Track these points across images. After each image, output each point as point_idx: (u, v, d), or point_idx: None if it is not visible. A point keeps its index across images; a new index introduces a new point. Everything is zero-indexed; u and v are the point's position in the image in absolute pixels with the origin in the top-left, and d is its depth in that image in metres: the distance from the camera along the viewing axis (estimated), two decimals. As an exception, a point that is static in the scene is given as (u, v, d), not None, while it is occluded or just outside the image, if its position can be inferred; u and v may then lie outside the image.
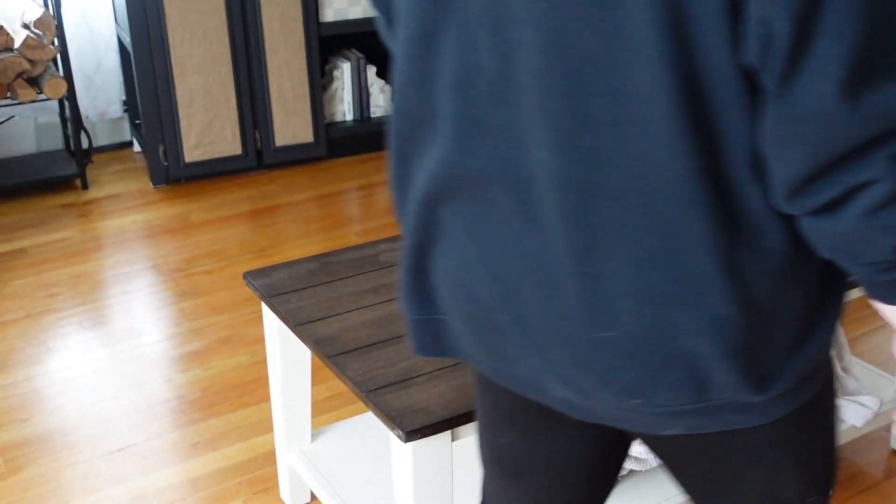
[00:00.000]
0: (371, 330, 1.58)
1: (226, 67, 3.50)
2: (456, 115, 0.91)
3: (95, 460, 2.15)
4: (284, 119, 3.66)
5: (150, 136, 3.52)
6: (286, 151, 3.71)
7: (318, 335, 1.57)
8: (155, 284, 2.91)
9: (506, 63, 0.85)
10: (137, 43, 3.38)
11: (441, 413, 1.37)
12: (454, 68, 0.89)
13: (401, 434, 1.34)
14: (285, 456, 1.94)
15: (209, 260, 3.06)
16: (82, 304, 2.80)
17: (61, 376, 2.45)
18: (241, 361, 2.51)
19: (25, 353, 2.56)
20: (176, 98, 3.47)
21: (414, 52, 0.92)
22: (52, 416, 2.30)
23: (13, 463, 2.15)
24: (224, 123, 3.57)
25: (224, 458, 2.15)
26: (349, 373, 1.47)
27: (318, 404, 2.28)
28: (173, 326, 2.68)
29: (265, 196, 3.54)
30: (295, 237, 3.21)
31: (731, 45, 0.77)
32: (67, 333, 2.65)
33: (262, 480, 2.08)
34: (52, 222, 3.33)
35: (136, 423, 2.27)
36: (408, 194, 1.01)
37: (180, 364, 2.50)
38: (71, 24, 3.64)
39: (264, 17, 3.49)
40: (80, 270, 3.00)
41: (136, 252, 3.12)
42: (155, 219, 3.36)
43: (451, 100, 0.91)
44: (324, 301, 1.68)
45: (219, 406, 2.33)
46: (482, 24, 0.85)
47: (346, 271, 1.78)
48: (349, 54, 3.82)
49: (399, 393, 1.41)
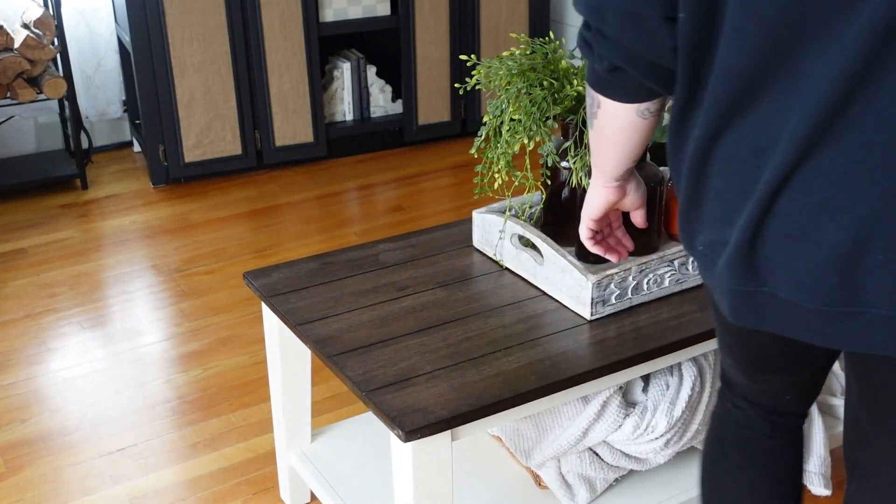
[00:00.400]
0: (371, 330, 1.58)
1: (226, 67, 3.50)
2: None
3: (95, 460, 2.15)
4: (284, 119, 3.66)
5: (150, 136, 3.52)
6: (286, 151, 3.71)
7: (318, 335, 1.57)
8: (155, 284, 2.91)
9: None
10: (137, 43, 3.38)
11: (441, 413, 1.37)
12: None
13: (401, 434, 1.34)
14: (285, 456, 1.94)
15: (209, 260, 3.06)
16: (82, 304, 2.80)
17: (61, 376, 2.45)
18: (241, 361, 2.51)
19: (25, 353, 2.56)
20: (176, 98, 3.47)
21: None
22: (52, 416, 2.30)
23: (13, 463, 2.14)
24: (224, 123, 3.57)
25: (224, 459, 2.15)
26: (349, 373, 1.47)
27: (318, 404, 2.28)
28: (173, 326, 2.68)
29: (265, 196, 3.54)
30: (295, 237, 3.21)
31: None
32: (67, 333, 2.65)
33: (261, 481, 2.08)
34: (52, 222, 3.33)
35: (135, 424, 2.27)
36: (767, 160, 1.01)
37: (180, 364, 2.50)
38: (71, 24, 3.64)
39: (264, 17, 3.49)
40: (80, 270, 3.00)
41: (136, 252, 3.12)
42: (155, 219, 3.36)
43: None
44: (324, 301, 1.68)
45: (219, 406, 2.33)
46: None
47: (346, 271, 1.78)
48: (349, 54, 3.82)
49: (399, 393, 1.41)
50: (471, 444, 1.90)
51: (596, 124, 1.26)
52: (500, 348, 1.52)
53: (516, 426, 1.77)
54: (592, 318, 1.59)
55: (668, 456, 1.75)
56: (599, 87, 1.19)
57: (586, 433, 1.68)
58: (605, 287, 1.58)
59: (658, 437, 1.69)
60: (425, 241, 1.90)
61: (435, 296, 1.69)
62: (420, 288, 1.71)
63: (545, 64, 1.64)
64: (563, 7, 4.17)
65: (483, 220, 1.79)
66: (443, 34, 3.82)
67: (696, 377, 1.70)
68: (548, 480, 1.77)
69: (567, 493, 1.75)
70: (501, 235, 1.74)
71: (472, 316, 1.62)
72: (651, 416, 1.68)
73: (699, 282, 1.68)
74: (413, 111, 3.88)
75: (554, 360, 1.49)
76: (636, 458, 1.76)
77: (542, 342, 1.54)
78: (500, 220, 1.74)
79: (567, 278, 1.61)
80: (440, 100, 3.92)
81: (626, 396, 1.70)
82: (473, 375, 1.45)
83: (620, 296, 1.61)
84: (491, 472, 1.84)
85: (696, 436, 1.76)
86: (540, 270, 1.67)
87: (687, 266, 1.67)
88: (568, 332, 1.57)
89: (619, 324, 1.60)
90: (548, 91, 1.61)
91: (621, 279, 1.60)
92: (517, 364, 1.48)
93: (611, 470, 1.77)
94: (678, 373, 1.71)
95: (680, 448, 1.75)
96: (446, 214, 3.35)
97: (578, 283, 1.59)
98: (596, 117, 1.25)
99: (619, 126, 1.23)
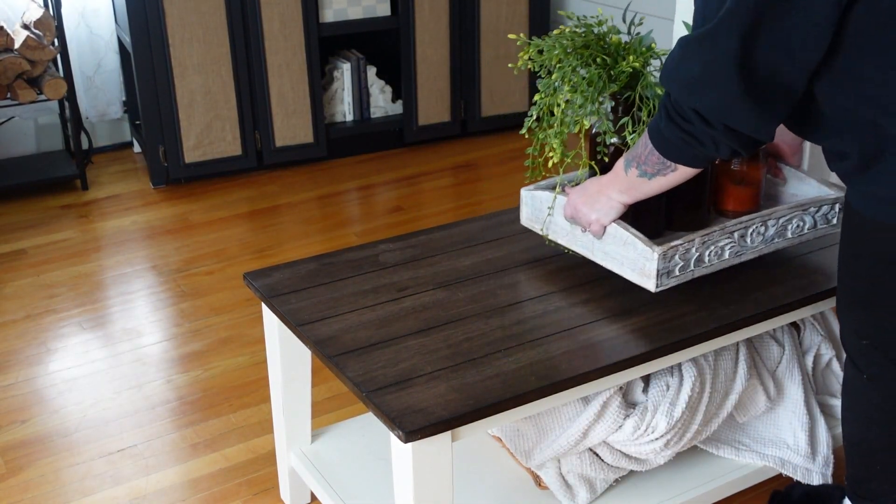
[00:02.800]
0: (371, 330, 1.58)
1: (226, 68, 3.50)
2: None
3: (95, 461, 2.15)
4: (284, 119, 3.66)
5: (150, 136, 3.52)
6: (286, 152, 3.71)
7: (318, 336, 1.57)
8: (155, 285, 2.91)
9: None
10: (137, 43, 3.38)
11: (441, 413, 1.37)
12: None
13: (401, 434, 1.34)
14: (285, 457, 1.94)
15: (209, 260, 3.06)
16: (82, 304, 2.80)
17: (61, 377, 2.45)
18: (241, 362, 2.51)
19: (25, 353, 2.56)
20: (176, 98, 3.47)
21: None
22: (52, 416, 2.30)
23: (13, 464, 2.14)
24: (224, 124, 3.57)
25: (224, 459, 2.15)
26: (349, 373, 1.47)
27: (318, 405, 2.28)
28: (173, 327, 2.68)
29: (265, 196, 3.54)
30: (295, 237, 3.21)
31: None
32: (67, 334, 2.65)
33: (262, 481, 2.08)
34: (52, 223, 3.33)
35: (136, 424, 2.27)
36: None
37: (180, 365, 2.50)
38: (71, 25, 3.64)
39: (264, 17, 3.49)
40: (80, 271, 3.00)
41: (136, 253, 3.12)
42: (155, 219, 3.36)
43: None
44: (324, 301, 1.68)
45: (219, 407, 2.33)
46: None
47: (346, 272, 1.78)
48: (349, 54, 3.82)
49: (399, 393, 1.41)
50: (471, 444, 1.90)
51: (662, 181, 1.42)
52: (501, 349, 1.52)
53: (516, 426, 1.77)
54: (658, 290, 1.59)
55: (669, 456, 1.75)
56: (693, 162, 1.37)
57: (586, 434, 1.67)
58: (669, 258, 1.57)
59: (658, 437, 1.69)
60: (425, 241, 1.89)
61: (435, 296, 1.69)
62: (420, 288, 1.71)
63: (597, 40, 1.63)
64: (563, 7, 4.17)
65: (532, 197, 1.77)
66: (443, 35, 3.82)
67: (696, 378, 1.70)
68: (548, 481, 1.77)
69: (567, 493, 1.75)
70: (550, 212, 1.73)
71: (472, 316, 1.62)
72: (651, 417, 1.68)
73: (757, 253, 1.69)
74: (413, 112, 3.88)
75: (554, 360, 1.49)
76: (636, 459, 1.76)
77: (542, 342, 1.54)
78: (551, 196, 1.72)
79: (630, 251, 1.59)
80: (440, 100, 3.92)
81: (626, 397, 1.70)
82: (474, 376, 1.45)
83: (684, 267, 1.60)
84: (491, 473, 1.84)
85: (696, 436, 1.76)
86: (598, 245, 1.65)
87: (746, 238, 1.66)
88: (569, 333, 1.57)
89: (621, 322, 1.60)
90: (602, 68, 1.60)
91: (685, 251, 1.59)
92: (517, 365, 1.48)
93: (611, 470, 1.77)
94: (678, 373, 1.71)
95: (680, 448, 1.75)
96: (446, 215, 3.35)
97: (643, 256, 1.57)
98: (664, 176, 1.40)
99: (685, 178, 1.41)
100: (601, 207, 1.58)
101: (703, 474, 1.84)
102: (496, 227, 1.95)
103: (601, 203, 1.57)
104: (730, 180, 1.74)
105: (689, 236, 1.60)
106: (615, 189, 1.54)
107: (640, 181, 1.47)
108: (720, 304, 1.65)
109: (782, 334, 1.88)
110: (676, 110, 1.33)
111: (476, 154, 3.92)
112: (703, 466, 1.85)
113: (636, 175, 1.47)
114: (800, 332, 1.95)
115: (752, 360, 1.81)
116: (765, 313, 1.64)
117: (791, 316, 1.71)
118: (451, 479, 1.45)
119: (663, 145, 1.38)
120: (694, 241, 1.60)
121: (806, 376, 1.90)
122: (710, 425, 1.77)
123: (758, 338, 1.85)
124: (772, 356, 1.86)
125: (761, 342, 1.86)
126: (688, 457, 1.87)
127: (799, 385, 1.87)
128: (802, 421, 1.86)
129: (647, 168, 1.44)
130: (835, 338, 1.98)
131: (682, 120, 1.33)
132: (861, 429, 1.57)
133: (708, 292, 1.68)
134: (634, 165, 1.46)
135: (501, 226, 1.95)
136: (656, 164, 1.42)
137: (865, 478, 1.60)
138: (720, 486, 1.82)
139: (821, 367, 1.97)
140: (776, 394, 1.86)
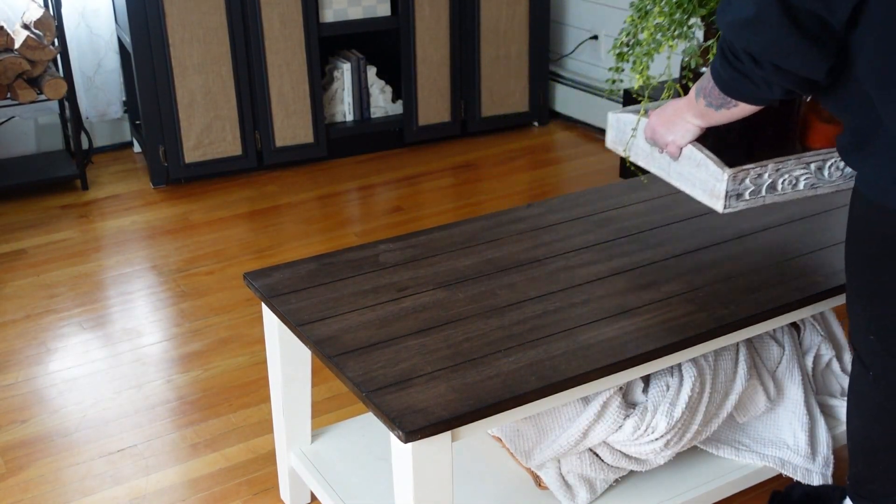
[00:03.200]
0: (371, 330, 1.58)
1: (226, 68, 3.50)
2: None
3: (95, 461, 2.15)
4: (284, 119, 3.66)
5: (150, 136, 3.52)
6: (286, 152, 3.71)
7: (318, 336, 1.57)
8: (155, 285, 2.91)
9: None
10: (137, 43, 3.38)
11: (441, 413, 1.37)
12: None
13: (401, 434, 1.34)
14: (285, 456, 1.94)
15: (209, 260, 3.06)
16: (82, 304, 2.80)
17: (61, 377, 2.45)
18: (241, 362, 2.51)
19: (25, 353, 2.56)
20: (176, 98, 3.47)
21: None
22: (52, 416, 2.30)
23: (13, 464, 2.14)
24: (224, 124, 3.57)
25: (224, 459, 2.15)
26: (349, 373, 1.47)
27: (318, 405, 2.28)
28: (173, 327, 2.68)
29: (265, 196, 3.54)
30: (295, 237, 3.21)
31: None
32: (67, 334, 2.65)
33: (262, 481, 2.08)
34: (52, 223, 3.33)
35: (136, 424, 2.27)
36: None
37: (180, 365, 2.50)
38: (71, 25, 3.64)
39: (264, 18, 3.49)
40: (80, 271, 3.00)
41: (136, 253, 3.12)
42: (155, 219, 3.36)
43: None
44: (324, 301, 1.68)
45: (219, 407, 2.33)
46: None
47: (346, 272, 1.78)
48: (349, 54, 3.82)
49: (399, 393, 1.41)
50: (471, 444, 1.90)
51: (727, 113, 1.46)
52: (501, 349, 1.52)
53: (516, 427, 1.77)
54: (725, 211, 1.58)
55: (669, 456, 1.75)
56: (751, 100, 1.41)
57: (586, 434, 1.67)
58: (740, 181, 1.57)
59: (658, 437, 1.69)
60: (425, 241, 1.90)
61: (435, 296, 1.69)
62: (420, 288, 1.71)
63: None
64: (563, 7, 4.17)
65: (618, 119, 1.77)
66: (443, 35, 3.82)
67: (696, 378, 1.70)
68: (548, 481, 1.77)
69: (567, 493, 1.75)
70: (633, 133, 1.73)
71: (472, 317, 1.62)
72: (651, 417, 1.68)
73: (834, 189, 1.67)
74: (413, 112, 3.88)
75: (554, 360, 1.49)
76: (636, 459, 1.76)
77: (542, 342, 1.54)
78: (635, 119, 1.72)
79: (702, 172, 1.59)
80: (440, 100, 3.92)
81: (626, 397, 1.70)
82: (473, 376, 1.45)
83: (755, 192, 1.59)
84: (491, 473, 1.84)
85: (696, 436, 1.76)
86: (674, 166, 1.65)
87: (823, 171, 1.65)
88: (569, 333, 1.57)
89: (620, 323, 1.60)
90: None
91: (756, 175, 1.58)
92: (517, 365, 1.48)
93: (611, 470, 1.77)
94: (678, 373, 1.71)
95: (680, 449, 1.75)
96: (446, 215, 3.35)
97: (714, 176, 1.57)
98: (728, 109, 1.44)
99: (749, 112, 1.44)
100: (678, 129, 1.61)
101: (703, 474, 1.84)
102: (496, 227, 1.95)
103: (678, 126, 1.61)
104: (817, 117, 1.73)
105: (764, 162, 1.59)
106: (690, 113, 1.57)
107: (709, 110, 1.51)
108: (720, 304, 1.65)
109: (782, 335, 1.88)
110: (731, 49, 1.35)
111: (476, 154, 3.92)
112: (703, 466, 1.85)
113: (704, 105, 1.51)
114: (800, 332, 1.95)
115: (752, 361, 1.81)
116: (765, 313, 1.64)
117: (791, 316, 1.71)
118: (451, 479, 1.45)
119: (721, 82, 1.42)
120: (767, 166, 1.59)
121: (806, 377, 1.90)
122: (710, 425, 1.77)
123: (758, 338, 1.85)
124: (772, 356, 1.86)
125: (761, 342, 1.86)
126: (688, 457, 1.87)
127: (799, 385, 1.87)
128: (802, 421, 1.86)
129: (712, 101, 1.49)
130: (835, 338, 1.98)
131: (735, 59, 1.36)
132: (864, 427, 1.57)
133: (708, 292, 1.68)
134: (702, 95, 1.51)
135: (501, 226, 1.95)
136: (718, 98, 1.47)
137: (868, 478, 1.60)
138: (720, 486, 1.82)
139: (821, 368, 1.97)
140: (776, 394, 1.86)
